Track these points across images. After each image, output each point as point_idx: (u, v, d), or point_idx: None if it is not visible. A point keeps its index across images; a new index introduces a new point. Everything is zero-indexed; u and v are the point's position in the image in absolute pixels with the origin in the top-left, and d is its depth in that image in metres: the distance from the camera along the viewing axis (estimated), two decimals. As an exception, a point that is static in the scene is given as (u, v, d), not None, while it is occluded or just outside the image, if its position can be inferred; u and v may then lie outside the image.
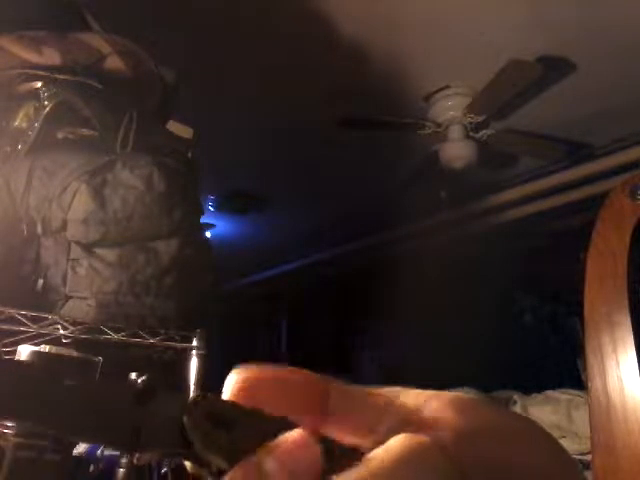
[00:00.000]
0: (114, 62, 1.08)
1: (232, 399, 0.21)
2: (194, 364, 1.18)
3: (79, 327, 0.94)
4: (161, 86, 1.18)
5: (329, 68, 2.43)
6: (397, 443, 0.17)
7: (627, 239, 0.85)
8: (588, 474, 1.86)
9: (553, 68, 2.35)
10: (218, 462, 0.19)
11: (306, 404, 0.20)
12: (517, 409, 2.34)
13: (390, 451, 0.17)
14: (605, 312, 0.85)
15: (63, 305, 0.96)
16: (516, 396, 2.45)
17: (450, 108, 2.66)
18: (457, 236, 3.66)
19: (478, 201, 3.51)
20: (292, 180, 3.52)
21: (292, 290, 5.10)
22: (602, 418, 0.81)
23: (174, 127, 1.31)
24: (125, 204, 0.97)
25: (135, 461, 0.99)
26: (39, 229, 0.96)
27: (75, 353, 0.89)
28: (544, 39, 2.24)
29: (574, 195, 3.17)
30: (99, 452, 1.22)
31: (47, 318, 0.94)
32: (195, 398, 0.20)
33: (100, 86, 1.06)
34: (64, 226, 0.96)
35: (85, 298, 0.95)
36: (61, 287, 0.96)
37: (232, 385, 0.21)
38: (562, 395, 2.29)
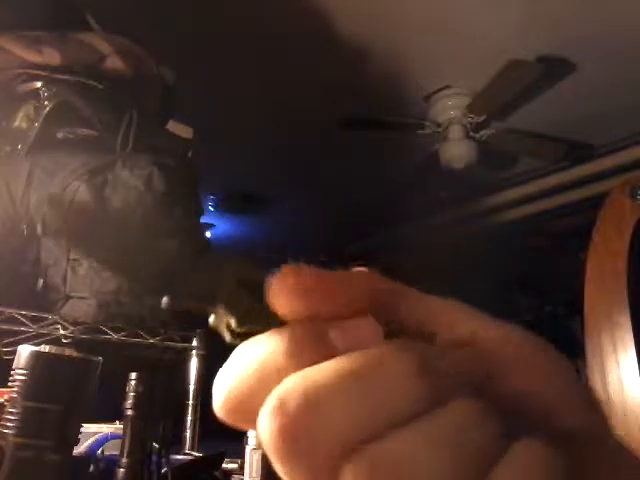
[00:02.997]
0: (114, 62, 1.08)
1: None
2: (194, 364, 1.18)
3: (79, 327, 0.94)
4: (161, 86, 1.18)
5: (329, 68, 2.43)
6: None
7: (627, 239, 0.85)
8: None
9: (553, 68, 2.35)
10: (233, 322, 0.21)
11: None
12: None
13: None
14: (605, 312, 0.85)
15: (63, 305, 0.96)
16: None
17: (450, 108, 2.66)
18: (457, 236, 3.66)
19: (478, 201, 3.51)
20: (292, 180, 3.52)
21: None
22: (602, 418, 0.81)
23: (174, 127, 1.31)
24: (125, 204, 0.97)
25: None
26: (39, 229, 0.96)
27: (75, 353, 0.89)
28: (544, 39, 2.24)
29: (574, 195, 3.17)
30: (99, 452, 1.22)
31: (47, 318, 0.94)
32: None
33: (100, 86, 1.06)
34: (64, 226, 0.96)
35: (85, 298, 0.95)
36: (61, 287, 0.96)
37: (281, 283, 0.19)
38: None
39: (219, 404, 0.18)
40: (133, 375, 1.05)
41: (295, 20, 2.14)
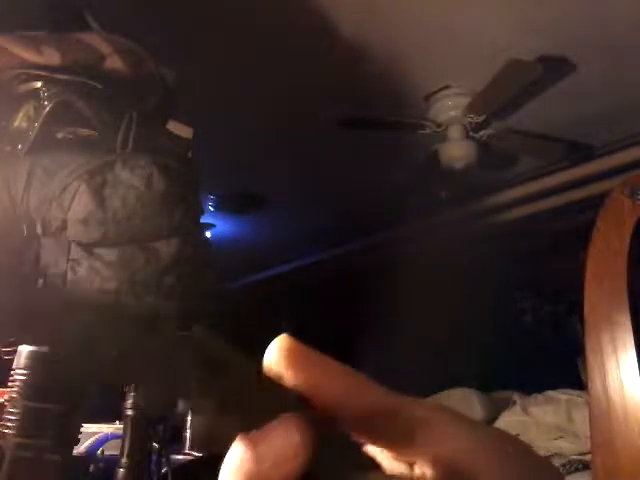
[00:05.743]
0: (114, 62, 1.08)
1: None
2: (194, 364, 1.18)
3: (79, 327, 0.94)
4: (161, 86, 1.18)
5: (329, 68, 2.43)
6: None
7: (627, 238, 0.85)
8: (588, 474, 1.86)
9: (553, 68, 2.35)
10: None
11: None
12: (517, 409, 2.34)
13: None
14: (605, 312, 0.85)
15: (63, 305, 0.96)
16: (516, 396, 2.45)
17: (450, 108, 2.66)
18: (457, 236, 3.66)
19: (478, 201, 3.51)
20: (292, 180, 3.52)
21: (292, 290, 5.10)
22: (602, 418, 0.81)
23: (174, 127, 1.31)
24: (125, 204, 0.97)
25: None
26: (39, 229, 0.96)
27: (75, 353, 0.89)
28: (544, 39, 2.23)
29: (574, 195, 3.17)
30: (99, 452, 1.22)
31: (47, 318, 0.93)
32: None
33: (100, 86, 1.06)
34: (64, 226, 0.96)
35: (85, 298, 0.95)
36: (61, 287, 0.96)
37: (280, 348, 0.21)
38: (562, 395, 2.28)
39: None
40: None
41: (295, 20, 2.14)
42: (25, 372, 0.84)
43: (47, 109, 1.00)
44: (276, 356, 0.21)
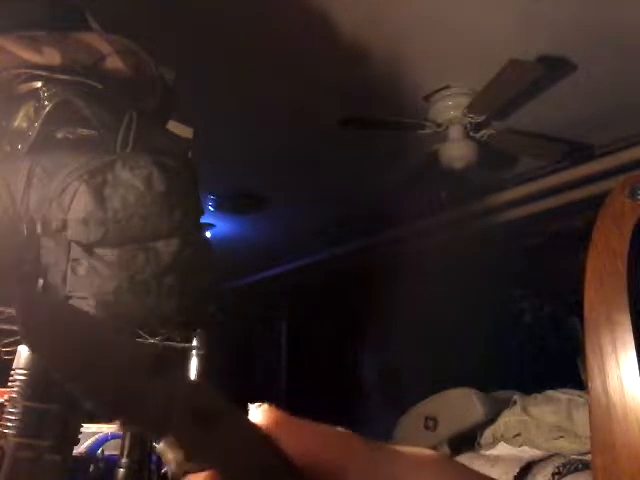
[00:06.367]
0: (114, 62, 1.08)
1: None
2: (194, 364, 1.18)
3: (79, 327, 0.94)
4: (161, 86, 1.18)
5: (329, 68, 2.43)
6: None
7: (627, 238, 0.85)
8: (588, 474, 1.86)
9: (553, 68, 2.35)
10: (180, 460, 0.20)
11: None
12: (517, 409, 2.34)
13: None
14: (605, 312, 0.85)
15: (63, 305, 0.96)
16: (516, 396, 2.44)
17: (450, 108, 2.66)
18: (457, 236, 3.66)
19: (478, 201, 3.51)
20: (292, 180, 3.52)
21: (292, 290, 5.10)
22: (602, 418, 0.81)
23: (174, 127, 1.31)
24: (125, 204, 0.97)
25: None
26: (39, 229, 0.96)
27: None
28: (544, 39, 2.24)
29: (574, 195, 3.17)
30: (99, 452, 1.22)
31: (47, 318, 0.93)
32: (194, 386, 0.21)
33: (100, 86, 1.06)
34: (64, 226, 0.96)
35: (85, 298, 0.95)
36: (61, 287, 0.96)
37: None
38: (562, 395, 2.28)
39: None
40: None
41: (295, 20, 2.14)
42: (25, 372, 0.84)
43: (47, 109, 1.00)
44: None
